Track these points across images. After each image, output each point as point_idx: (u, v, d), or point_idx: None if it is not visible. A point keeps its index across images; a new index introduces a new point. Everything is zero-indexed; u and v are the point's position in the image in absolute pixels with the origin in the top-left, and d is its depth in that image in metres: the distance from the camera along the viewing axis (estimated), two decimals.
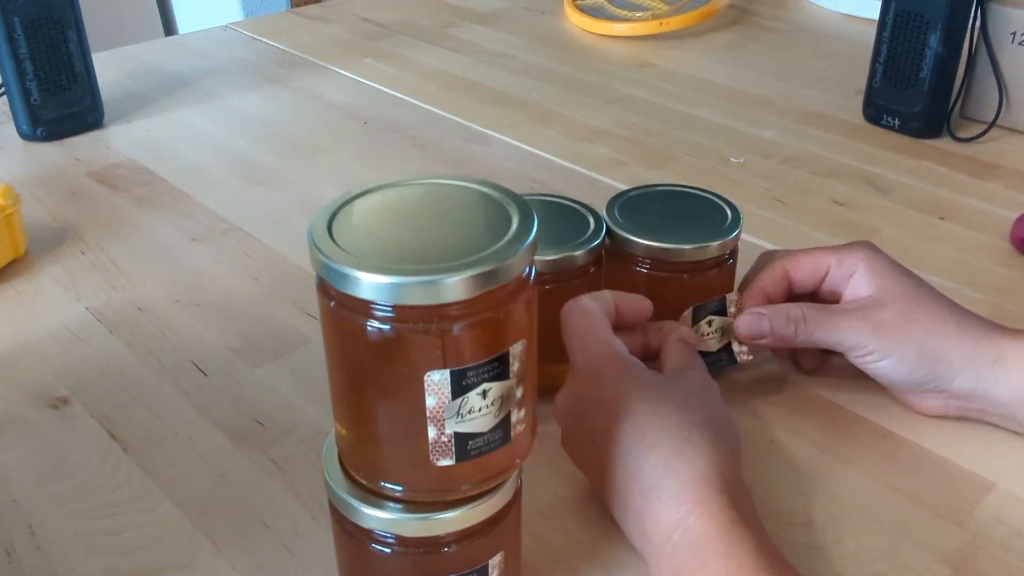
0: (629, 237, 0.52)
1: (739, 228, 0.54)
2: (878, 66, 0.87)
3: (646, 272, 0.53)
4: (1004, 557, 0.45)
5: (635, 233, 0.52)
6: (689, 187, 0.57)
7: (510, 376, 0.34)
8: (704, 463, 0.41)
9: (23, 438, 0.52)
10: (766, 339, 0.51)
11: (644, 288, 0.52)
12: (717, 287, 0.54)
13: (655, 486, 0.41)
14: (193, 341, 0.60)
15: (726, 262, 0.54)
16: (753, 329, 0.51)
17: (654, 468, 0.41)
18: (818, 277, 0.53)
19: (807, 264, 0.53)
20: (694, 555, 0.39)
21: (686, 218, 0.54)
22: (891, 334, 0.49)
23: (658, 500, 0.41)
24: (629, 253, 0.53)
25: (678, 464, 0.41)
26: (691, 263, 0.53)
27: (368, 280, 0.31)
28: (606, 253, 0.54)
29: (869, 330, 0.49)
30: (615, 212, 0.54)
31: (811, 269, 0.53)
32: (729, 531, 0.39)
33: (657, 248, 0.52)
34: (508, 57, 1.09)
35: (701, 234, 0.53)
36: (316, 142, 0.88)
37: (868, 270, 0.51)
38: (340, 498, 0.37)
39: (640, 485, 0.42)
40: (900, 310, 0.49)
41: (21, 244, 0.68)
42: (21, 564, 0.45)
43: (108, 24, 1.81)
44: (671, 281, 0.53)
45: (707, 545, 0.39)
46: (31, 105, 0.85)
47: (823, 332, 0.50)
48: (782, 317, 0.51)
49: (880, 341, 0.49)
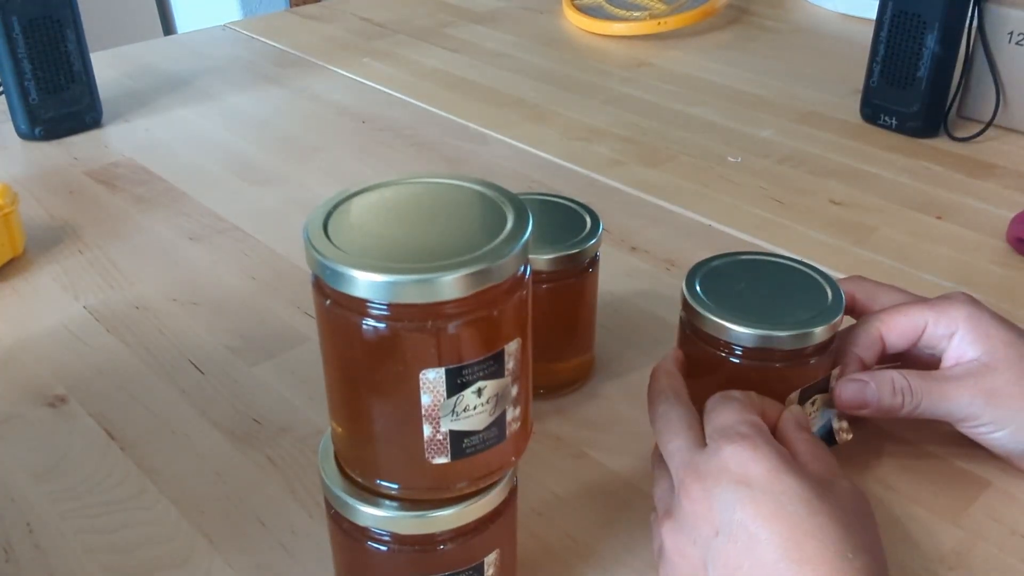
0: (713, 319, 0.45)
1: (842, 310, 0.46)
2: (875, 66, 0.87)
3: (737, 362, 0.46)
4: (999, 555, 0.45)
5: (721, 315, 0.45)
6: (780, 257, 0.50)
7: (505, 374, 0.34)
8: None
9: (21, 437, 0.52)
10: (869, 410, 0.46)
11: (729, 377, 0.45)
12: (813, 376, 0.47)
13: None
14: (190, 340, 0.60)
15: (827, 349, 0.47)
16: (858, 398, 0.46)
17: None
18: (914, 337, 0.48)
19: (902, 324, 0.48)
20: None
21: (781, 296, 0.47)
22: (1006, 402, 0.45)
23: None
24: (712, 336, 0.46)
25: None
26: (788, 352, 0.45)
27: (363, 278, 0.31)
28: (687, 330, 0.48)
29: (982, 400, 0.45)
30: (696, 287, 0.47)
31: (906, 329, 0.48)
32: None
33: (746, 334, 0.45)
34: (506, 56, 1.09)
35: (800, 316, 0.45)
36: (314, 141, 0.88)
37: (972, 330, 0.46)
38: (336, 496, 0.37)
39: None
40: (1014, 375, 0.45)
41: (19, 243, 0.68)
42: (19, 562, 0.45)
43: (107, 23, 1.81)
44: (764, 371, 0.46)
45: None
46: (29, 104, 0.85)
47: (931, 403, 0.46)
48: (888, 386, 0.46)
49: (995, 411, 0.45)
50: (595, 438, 0.52)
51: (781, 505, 0.37)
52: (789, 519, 0.36)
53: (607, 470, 0.50)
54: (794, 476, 0.38)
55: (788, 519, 0.36)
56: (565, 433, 0.53)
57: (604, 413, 0.54)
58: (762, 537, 0.37)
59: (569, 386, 0.56)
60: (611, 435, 0.52)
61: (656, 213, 0.75)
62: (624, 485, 0.49)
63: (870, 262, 0.68)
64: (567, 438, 0.52)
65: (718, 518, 0.38)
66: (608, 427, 0.53)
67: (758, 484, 0.37)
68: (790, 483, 0.37)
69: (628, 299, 0.64)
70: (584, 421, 0.53)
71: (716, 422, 0.41)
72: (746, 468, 0.38)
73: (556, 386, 0.55)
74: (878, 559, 0.38)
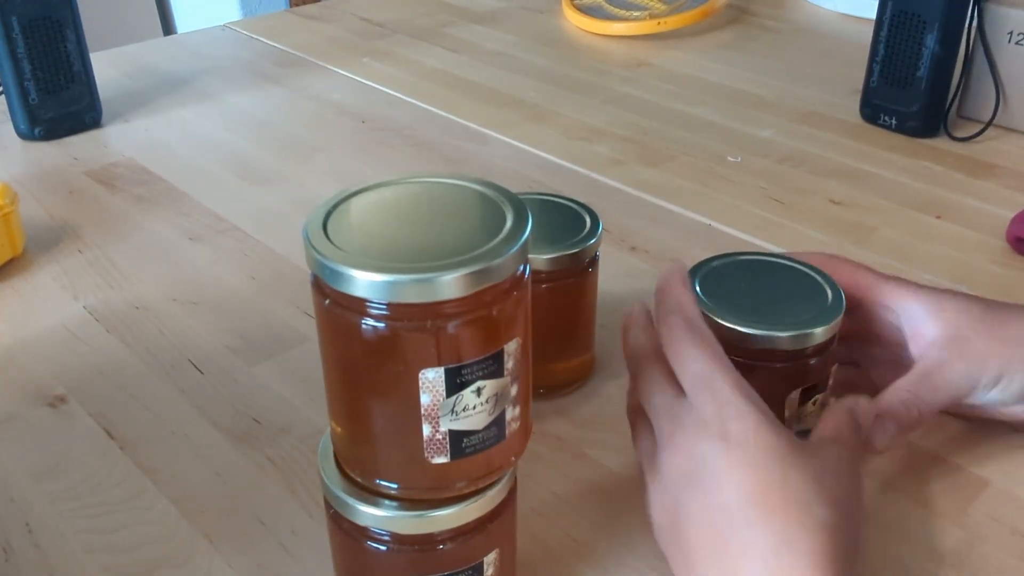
0: (714, 320, 0.45)
1: (843, 310, 0.46)
2: (875, 65, 0.87)
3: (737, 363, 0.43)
4: (999, 555, 0.45)
5: (721, 315, 0.45)
6: (781, 258, 0.50)
7: (505, 374, 0.34)
8: (824, 550, 0.36)
9: (20, 437, 0.52)
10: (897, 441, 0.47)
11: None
12: (814, 376, 0.47)
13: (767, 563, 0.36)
14: (190, 340, 0.60)
15: (827, 349, 0.47)
16: (888, 438, 0.46)
17: (765, 539, 0.37)
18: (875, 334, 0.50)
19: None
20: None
21: (781, 296, 0.47)
22: (991, 361, 0.47)
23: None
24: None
25: (799, 537, 0.36)
26: (789, 352, 0.45)
27: (363, 278, 0.31)
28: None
29: (975, 367, 0.46)
30: (696, 287, 0.47)
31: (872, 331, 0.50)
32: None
33: (747, 335, 0.45)
34: (506, 56, 1.09)
35: (800, 317, 0.45)
36: (314, 141, 0.88)
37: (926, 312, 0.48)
38: (336, 496, 0.37)
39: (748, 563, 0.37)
40: (984, 336, 0.47)
41: (19, 243, 0.68)
42: (19, 562, 0.45)
43: (106, 23, 1.81)
44: (765, 371, 0.46)
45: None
46: (29, 105, 0.85)
47: (935, 397, 0.47)
48: (899, 409, 0.46)
49: (985, 373, 0.47)
50: (595, 438, 0.52)
51: (753, 458, 0.37)
52: (758, 471, 0.37)
53: (607, 470, 0.50)
54: (772, 432, 0.38)
55: (757, 471, 0.37)
56: (565, 433, 0.53)
57: (604, 413, 0.54)
58: (730, 486, 0.37)
59: (569, 386, 0.56)
60: (611, 435, 0.52)
61: (656, 213, 0.75)
62: (624, 485, 0.49)
63: (870, 262, 0.67)
64: (567, 438, 0.52)
65: (694, 469, 0.39)
66: (608, 427, 0.53)
67: (735, 439, 0.38)
68: (766, 438, 0.38)
69: (628, 299, 0.64)
70: (584, 421, 0.53)
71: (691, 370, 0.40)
72: (726, 425, 0.38)
73: (556, 386, 0.55)
74: (848, 516, 0.38)
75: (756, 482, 0.37)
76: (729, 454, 0.38)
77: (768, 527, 0.36)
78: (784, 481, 0.37)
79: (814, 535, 0.36)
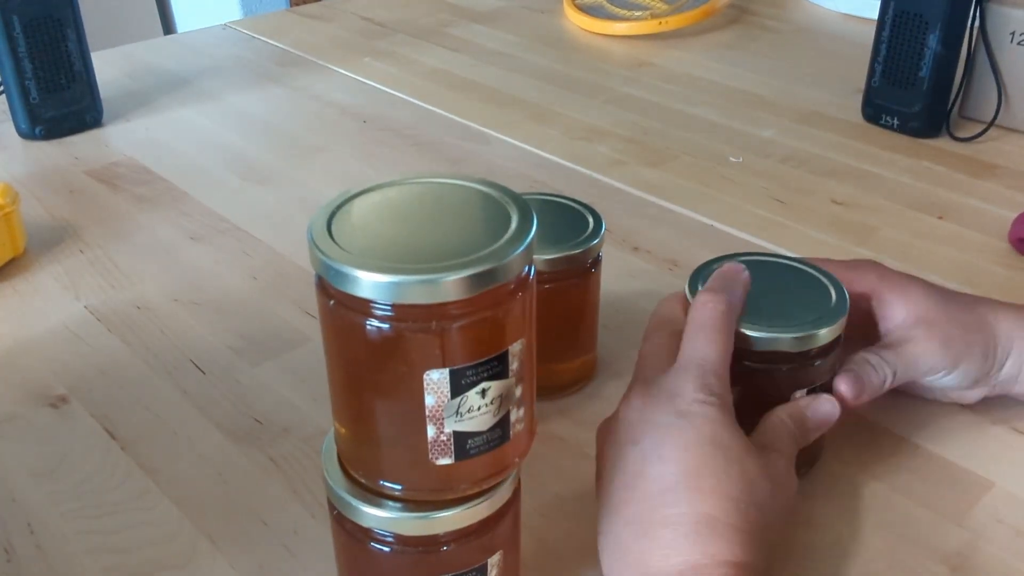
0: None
1: (847, 311, 0.46)
2: (877, 66, 0.87)
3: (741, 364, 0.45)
4: (1002, 557, 0.45)
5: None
6: (785, 259, 0.50)
7: (509, 375, 0.34)
8: (738, 550, 0.37)
9: (22, 437, 0.52)
10: (865, 395, 0.47)
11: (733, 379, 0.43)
12: (818, 378, 0.47)
13: (664, 515, 0.38)
14: (192, 340, 0.60)
15: (832, 351, 0.46)
16: (855, 388, 0.47)
17: (687, 519, 0.38)
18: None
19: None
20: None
21: (785, 298, 0.47)
22: (955, 345, 0.48)
23: (662, 536, 0.38)
24: None
25: (720, 529, 0.37)
26: (793, 354, 0.45)
27: (367, 279, 0.31)
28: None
29: (941, 348, 0.48)
30: (699, 288, 0.46)
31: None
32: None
33: (751, 338, 0.45)
34: (507, 56, 1.09)
35: (805, 318, 0.45)
36: (315, 141, 0.88)
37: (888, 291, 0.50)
38: (339, 497, 0.37)
39: (666, 533, 0.38)
40: (948, 320, 0.48)
41: (20, 243, 0.68)
42: (20, 563, 0.45)
43: (107, 23, 1.81)
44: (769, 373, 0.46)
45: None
46: (30, 104, 0.85)
47: (904, 367, 0.48)
48: (867, 366, 0.47)
49: (949, 356, 0.48)
50: None
51: (701, 445, 0.39)
52: (701, 456, 0.39)
53: None
54: (727, 428, 0.40)
55: (701, 456, 0.39)
56: (568, 434, 0.52)
57: (606, 413, 0.54)
58: (670, 461, 0.39)
59: (572, 387, 0.56)
60: None
61: (658, 213, 0.75)
62: None
63: None
64: (570, 439, 0.52)
65: (645, 430, 0.40)
66: None
67: (692, 420, 0.40)
68: (719, 431, 0.40)
69: (630, 299, 0.64)
70: (587, 422, 0.53)
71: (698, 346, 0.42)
72: (692, 405, 0.40)
73: (559, 387, 0.55)
74: (769, 526, 0.39)
75: (696, 465, 0.39)
76: (681, 431, 0.40)
77: (694, 510, 0.38)
78: (725, 474, 0.39)
79: (734, 532, 0.38)
